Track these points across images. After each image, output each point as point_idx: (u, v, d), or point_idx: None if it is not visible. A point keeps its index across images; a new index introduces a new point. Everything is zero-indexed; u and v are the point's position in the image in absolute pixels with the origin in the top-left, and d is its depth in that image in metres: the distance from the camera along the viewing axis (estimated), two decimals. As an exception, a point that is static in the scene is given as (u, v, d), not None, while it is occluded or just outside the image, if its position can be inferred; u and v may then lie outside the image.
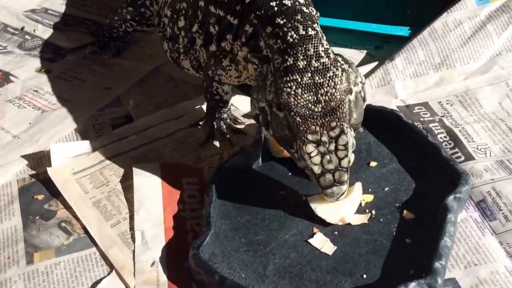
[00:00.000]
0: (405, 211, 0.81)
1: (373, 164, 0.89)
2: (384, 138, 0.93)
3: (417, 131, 0.92)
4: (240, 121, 1.01)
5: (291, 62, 0.75)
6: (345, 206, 0.80)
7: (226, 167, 0.88)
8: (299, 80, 0.74)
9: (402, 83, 1.06)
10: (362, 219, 0.80)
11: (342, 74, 0.75)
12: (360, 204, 0.82)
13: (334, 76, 0.74)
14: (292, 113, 0.74)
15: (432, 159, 0.87)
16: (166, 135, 1.01)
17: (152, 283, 0.76)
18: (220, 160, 0.94)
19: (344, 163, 0.75)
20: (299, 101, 0.74)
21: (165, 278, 0.76)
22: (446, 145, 0.93)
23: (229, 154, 0.94)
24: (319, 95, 0.73)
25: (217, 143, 0.97)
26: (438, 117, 0.99)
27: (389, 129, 0.94)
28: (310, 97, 0.73)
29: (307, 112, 0.73)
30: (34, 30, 1.31)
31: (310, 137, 0.74)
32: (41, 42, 1.28)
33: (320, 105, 0.73)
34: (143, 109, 1.08)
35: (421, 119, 0.99)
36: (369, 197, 0.83)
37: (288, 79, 0.74)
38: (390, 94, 1.05)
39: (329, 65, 0.75)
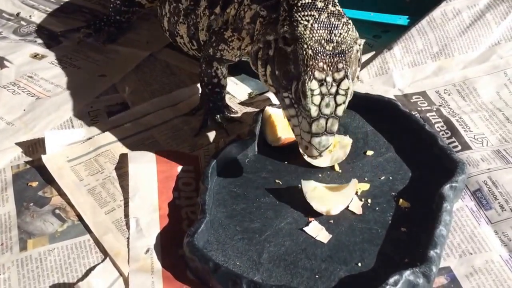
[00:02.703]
0: (401, 200, 0.81)
1: (369, 153, 0.89)
2: (381, 127, 0.93)
3: (414, 120, 0.91)
4: (234, 110, 1.00)
5: (310, 1, 0.77)
6: (337, 198, 0.79)
7: (222, 155, 0.87)
8: (317, 16, 0.75)
9: (400, 72, 1.06)
10: (358, 208, 0.80)
11: (352, 25, 0.77)
12: (356, 192, 0.82)
13: (347, 23, 0.76)
14: (305, 46, 0.74)
15: (428, 149, 0.87)
16: (162, 123, 1.00)
17: (146, 270, 0.76)
18: (216, 148, 0.93)
19: (340, 110, 0.75)
20: (314, 35, 0.74)
21: (159, 265, 0.76)
22: (443, 134, 0.92)
23: (225, 142, 0.93)
24: (333, 35, 0.74)
25: (210, 133, 0.96)
26: (436, 106, 0.99)
27: (386, 118, 0.93)
28: (324, 34, 0.74)
29: (319, 48, 0.74)
30: (30, 16, 1.30)
31: (317, 74, 0.73)
32: (36, 28, 1.26)
33: (332, 44, 0.74)
34: (139, 96, 1.07)
35: (419, 108, 0.98)
36: (365, 186, 0.83)
37: (306, 13, 0.76)
38: (388, 83, 1.04)
39: (343, 13, 0.77)
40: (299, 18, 0.76)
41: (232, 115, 0.99)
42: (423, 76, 1.05)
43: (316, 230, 0.78)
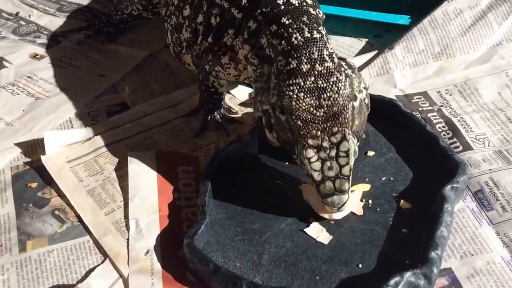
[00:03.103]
0: (402, 200, 0.81)
1: (370, 153, 0.89)
2: (382, 127, 0.93)
3: (415, 120, 0.91)
4: (234, 110, 1.00)
5: (295, 65, 0.74)
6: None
7: (222, 156, 0.87)
8: (302, 84, 0.73)
9: (401, 72, 1.05)
10: (359, 209, 0.80)
11: (345, 79, 0.74)
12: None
13: (337, 81, 0.73)
14: (294, 117, 0.73)
15: (430, 149, 0.87)
16: (162, 123, 1.00)
17: (146, 271, 0.75)
18: (216, 148, 0.93)
19: (346, 170, 0.73)
20: (300, 105, 0.72)
21: (159, 266, 0.76)
22: (444, 135, 0.92)
23: (226, 142, 0.93)
24: (322, 100, 0.72)
25: (211, 134, 0.96)
26: (437, 106, 0.98)
27: (387, 118, 0.93)
28: (312, 101, 0.72)
29: (309, 117, 0.72)
30: (29, 16, 1.30)
31: (310, 141, 0.72)
32: (36, 28, 1.26)
33: (322, 109, 0.72)
34: (139, 96, 1.07)
35: (420, 108, 0.98)
36: (366, 187, 0.83)
37: (290, 82, 0.73)
38: (389, 83, 1.04)
39: (333, 70, 0.74)
40: (285, 89, 0.73)
41: (232, 116, 0.99)
42: (424, 76, 1.04)
43: (316, 231, 0.77)
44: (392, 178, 0.84)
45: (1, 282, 0.76)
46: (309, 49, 0.74)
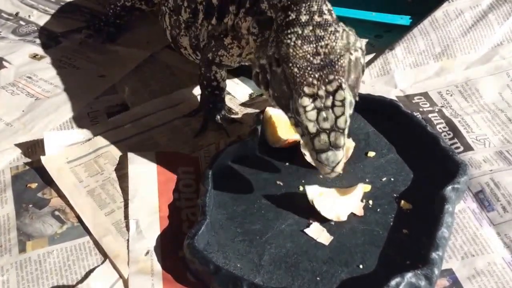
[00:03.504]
0: (402, 201, 0.81)
1: (371, 154, 0.88)
2: (382, 128, 0.93)
3: (416, 121, 0.91)
4: (234, 111, 0.99)
5: (294, 17, 0.74)
6: (345, 203, 0.78)
7: (222, 157, 0.87)
8: (300, 32, 0.73)
9: (402, 72, 1.05)
10: (359, 209, 0.79)
11: (343, 32, 0.74)
12: (357, 194, 0.81)
13: (335, 31, 0.73)
14: (290, 64, 0.72)
15: (430, 150, 0.87)
16: (162, 124, 1.00)
17: (146, 272, 0.75)
18: (217, 149, 0.93)
19: (341, 122, 0.71)
20: (297, 52, 0.72)
21: (159, 267, 0.76)
22: (445, 135, 0.92)
23: (226, 143, 0.93)
24: (319, 47, 0.72)
25: (211, 134, 0.96)
26: (438, 107, 0.98)
27: (388, 119, 0.93)
28: (309, 49, 0.72)
29: (305, 64, 0.71)
30: (29, 16, 1.29)
31: (306, 89, 0.71)
32: (35, 28, 1.26)
33: (319, 57, 0.71)
34: (139, 97, 1.07)
35: (421, 109, 0.98)
36: (367, 187, 0.83)
37: (289, 31, 0.73)
38: (389, 84, 1.04)
39: (331, 22, 0.74)
40: (283, 38, 0.73)
41: (232, 116, 0.99)
42: (425, 76, 1.04)
43: (317, 232, 0.77)
44: (392, 179, 0.84)
45: (1, 283, 0.76)
46: (308, 3, 0.74)
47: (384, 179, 0.84)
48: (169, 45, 1.16)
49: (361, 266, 0.73)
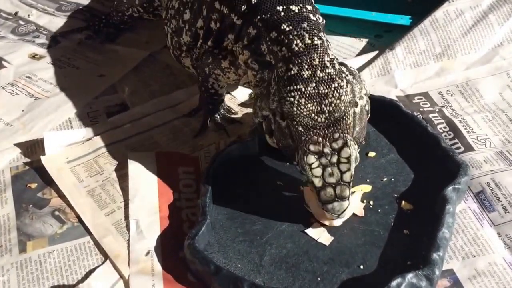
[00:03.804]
0: (403, 201, 0.81)
1: (371, 154, 0.88)
2: (383, 128, 0.92)
3: (416, 121, 0.91)
4: (234, 111, 0.99)
5: (296, 72, 0.73)
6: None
7: (222, 157, 0.87)
8: (303, 89, 0.72)
9: (402, 72, 1.05)
10: (360, 210, 0.79)
11: (347, 85, 0.74)
12: (357, 194, 0.81)
13: (339, 87, 0.73)
14: (295, 123, 0.72)
15: (431, 150, 0.86)
16: (162, 124, 0.99)
17: (147, 272, 0.75)
18: (217, 149, 0.93)
19: (346, 177, 0.72)
20: (302, 110, 0.72)
21: (160, 267, 0.75)
22: (445, 135, 0.92)
23: (226, 143, 0.93)
24: (323, 106, 0.72)
25: (211, 134, 0.95)
26: (438, 107, 0.98)
27: (388, 119, 0.93)
28: (313, 107, 0.72)
29: (310, 122, 0.72)
30: (28, 15, 1.29)
31: (312, 147, 0.72)
32: (35, 28, 1.25)
33: (323, 115, 0.72)
34: (138, 97, 1.06)
35: (421, 109, 0.98)
36: (367, 188, 0.83)
37: (291, 88, 0.73)
38: (389, 84, 1.04)
39: (334, 76, 0.73)
40: (286, 95, 0.73)
41: (232, 116, 0.99)
42: (425, 76, 1.04)
43: (317, 232, 0.77)
44: (393, 179, 0.84)
45: (1, 283, 0.76)
46: (310, 55, 0.74)
47: (384, 179, 0.84)
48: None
49: (361, 267, 0.73)
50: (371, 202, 0.81)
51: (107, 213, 0.84)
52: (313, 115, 0.72)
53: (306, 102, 0.72)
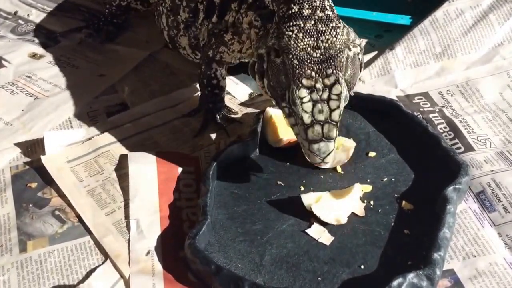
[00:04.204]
0: (403, 201, 0.81)
1: (372, 154, 0.88)
2: (383, 128, 0.92)
3: (416, 121, 0.91)
4: (234, 110, 0.99)
5: (296, 10, 0.76)
6: (342, 206, 0.78)
7: (223, 157, 0.87)
8: (302, 25, 0.75)
9: (402, 72, 1.05)
10: (360, 210, 0.79)
11: (343, 28, 0.76)
12: (359, 194, 0.81)
13: (336, 27, 0.75)
14: (290, 56, 0.74)
15: (431, 150, 0.87)
16: (162, 124, 0.99)
17: (147, 272, 0.75)
18: (217, 149, 0.93)
19: (335, 115, 0.74)
20: (298, 44, 0.74)
21: (160, 267, 0.75)
22: (446, 135, 0.92)
23: (226, 143, 0.93)
24: (320, 41, 0.74)
25: (211, 134, 0.95)
26: (438, 107, 0.98)
27: (389, 119, 0.93)
28: (310, 42, 0.74)
29: (305, 56, 0.73)
30: (28, 15, 1.29)
31: (304, 81, 0.73)
32: (34, 27, 1.25)
33: (319, 51, 0.73)
34: (138, 96, 1.06)
35: (421, 109, 0.98)
36: (368, 188, 0.83)
37: (291, 23, 0.75)
38: (390, 84, 1.04)
39: (333, 18, 0.76)
40: (285, 30, 0.75)
41: (232, 116, 0.99)
42: (425, 76, 1.04)
43: (318, 232, 0.77)
44: (393, 179, 0.84)
45: (2, 282, 0.75)
46: None
47: (385, 179, 0.84)
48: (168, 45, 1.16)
49: (362, 267, 0.73)
50: (372, 202, 0.81)
51: (107, 213, 0.84)
52: (309, 49, 0.74)
53: (304, 36, 0.74)
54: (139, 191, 0.85)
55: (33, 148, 0.96)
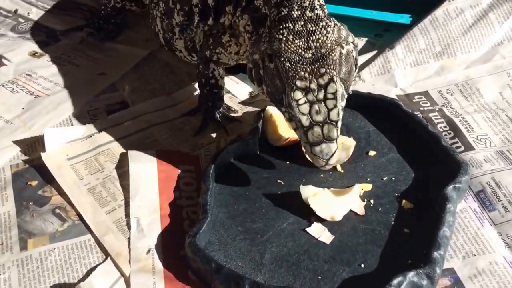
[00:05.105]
0: (404, 200, 0.81)
1: (372, 153, 0.88)
2: (383, 127, 0.93)
3: (416, 120, 0.91)
4: (234, 109, 0.99)
5: (286, 12, 0.75)
6: (339, 204, 0.79)
7: (223, 155, 0.87)
8: (292, 27, 0.74)
9: (402, 71, 1.05)
10: (360, 208, 0.80)
11: (334, 26, 0.76)
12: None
13: (326, 26, 0.75)
14: (282, 59, 0.73)
15: (431, 149, 0.87)
16: (162, 122, 0.99)
17: (147, 270, 0.75)
18: (217, 147, 0.93)
19: (333, 114, 0.73)
20: (289, 46, 0.74)
21: (161, 265, 0.76)
22: (446, 134, 0.92)
23: (226, 142, 0.93)
24: (310, 42, 0.73)
25: (211, 133, 0.95)
26: (438, 106, 0.98)
27: (389, 118, 0.93)
28: (301, 43, 0.74)
29: (297, 58, 0.73)
30: (28, 13, 1.29)
31: (298, 83, 0.73)
32: (34, 26, 1.25)
33: (310, 51, 0.73)
34: (138, 95, 1.06)
35: (421, 108, 0.98)
36: (368, 187, 0.83)
37: (281, 27, 0.75)
38: (389, 83, 1.04)
39: (323, 17, 0.76)
40: (275, 33, 0.75)
41: (232, 115, 0.99)
42: (425, 75, 1.04)
43: (318, 231, 0.77)
44: (393, 178, 0.84)
45: (2, 280, 0.75)
46: None
47: (385, 178, 0.84)
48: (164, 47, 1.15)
49: (362, 265, 0.73)
50: (372, 201, 0.81)
51: (107, 211, 0.84)
52: (300, 50, 0.73)
53: (294, 38, 0.74)
54: (139, 190, 0.85)
55: (33, 146, 0.96)
